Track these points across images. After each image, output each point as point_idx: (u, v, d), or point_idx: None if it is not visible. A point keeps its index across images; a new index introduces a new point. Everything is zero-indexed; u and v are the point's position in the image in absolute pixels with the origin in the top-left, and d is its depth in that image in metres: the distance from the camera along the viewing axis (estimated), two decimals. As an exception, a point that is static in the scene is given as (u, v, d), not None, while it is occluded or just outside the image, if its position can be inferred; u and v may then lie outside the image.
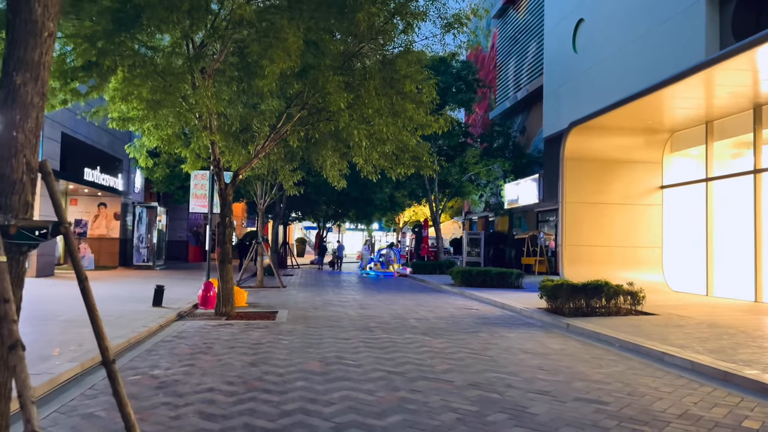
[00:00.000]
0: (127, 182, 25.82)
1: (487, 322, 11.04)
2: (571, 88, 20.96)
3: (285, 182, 16.56)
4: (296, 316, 11.24)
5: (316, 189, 26.06)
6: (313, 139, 13.33)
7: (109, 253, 24.98)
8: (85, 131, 20.94)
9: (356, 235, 59.34)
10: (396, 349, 7.91)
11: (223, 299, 11.13)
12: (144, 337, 8.52)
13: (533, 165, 26.93)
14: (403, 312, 12.28)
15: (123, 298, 12.87)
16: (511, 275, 18.48)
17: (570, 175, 16.66)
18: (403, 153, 11.31)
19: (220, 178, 11.44)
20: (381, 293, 16.91)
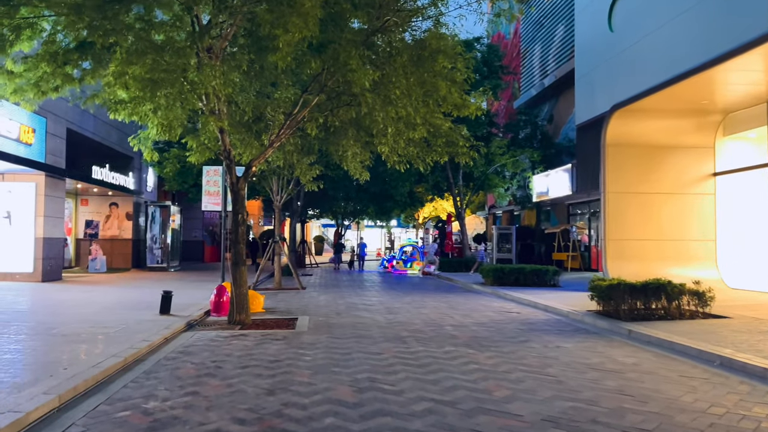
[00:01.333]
0: (139, 181, 24.86)
1: (534, 328, 9.74)
2: (607, 70, 19.46)
3: (302, 177, 15.36)
4: (318, 324, 10.03)
5: (335, 184, 24.86)
6: (332, 127, 12.15)
7: (121, 255, 24.05)
8: (92, 127, 19.95)
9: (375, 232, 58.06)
10: (438, 367, 6.65)
11: (237, 306, 9.96)
12: (144, 354, 7.37)
13: (563, 155, 25.46)
14: (436, 317, 11.02)
15: (129, 305, 11.77)
16: (546, 273, 17.13)
17: (612, 162, 15.26)
18: (435, 138, 10.03)
19: (232, 171, 10.26)
20: (407, 294, 15.66)
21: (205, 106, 9.19)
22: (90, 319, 9.72)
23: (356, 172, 13.35)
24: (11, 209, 16.43)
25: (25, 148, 15.37)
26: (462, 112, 9.54)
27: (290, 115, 10.45)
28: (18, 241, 16.36)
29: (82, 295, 13.72)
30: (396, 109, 9.21)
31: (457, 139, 9.96)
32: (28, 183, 16.40)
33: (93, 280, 17.90)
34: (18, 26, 8.80)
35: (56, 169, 16.81)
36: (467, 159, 10.19)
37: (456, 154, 10.23)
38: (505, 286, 16.62)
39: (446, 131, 9.93)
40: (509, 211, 33.42)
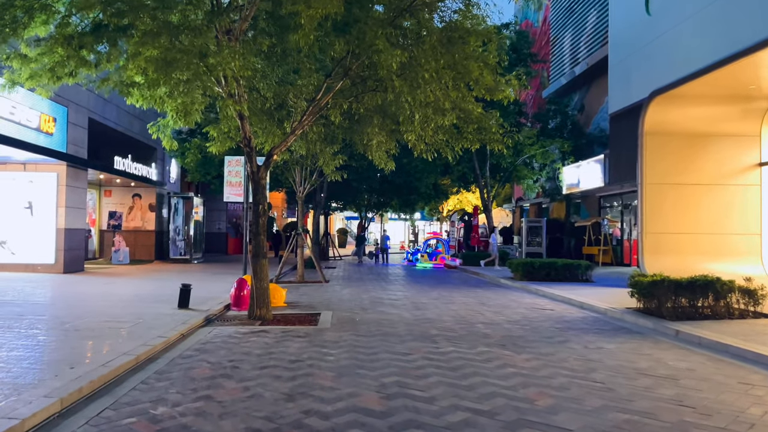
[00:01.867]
0: (162, 172, 24.68)
1: (572, 327, 9.14)
2: (644, 56, 18.59)
3: (326, 167, 14.89)
4: (342, 320, 9.56)
5: (358, 176, 24.39)
6: (356, 115, 11.67)
7: (144, 246, 23.92)
8: (114, 117, 19.75)
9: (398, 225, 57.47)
10: (473, 370, 6.12)
11: (257, 300, 9.54)
12: (159, 351, 6.97)
13: (594, 145, 24.61)
14: (466, 313, 10.47)
15: (148, 298, 11.45)
16: (579, 267, 16.44)
17: (650, 152, 14.48)
18: (466, 125, 9.44)
19: (252, 160, 9.82)
20: (434, 289, 15.12)
21: (223, 89, 8.74)
22: (106, 312, 9.39)
23: (381, 162, 12.83)
24: (33, 199, 16.27)
25: (45, 138, 15.17)
26: (495, 96, 8.94)
27: (313, 100, 9.96)
28: (40, 232, 16.21)
29: (102, 287, 13.47)
30: (425, 94, 8.64)
31: (490, 125, 9.36)
32: (49, 173, 16.22)
33: (115, 272, 17.71)
34: (31, 7, 8.46)
35: (77, 159, 16.60)
36: (500, 146, 9.59)
37: (488, 141, 9.63)
38: (535, 281, 15.98)
39: (477, 117, 9.34)
40: (537, 204, 32.58)
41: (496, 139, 9.52)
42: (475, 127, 9.44)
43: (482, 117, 9.32)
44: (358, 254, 25.79)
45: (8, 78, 9.50)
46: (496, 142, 9.55)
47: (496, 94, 8.87)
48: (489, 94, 8.84)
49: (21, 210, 16.20)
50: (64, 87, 16.18)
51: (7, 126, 13.54)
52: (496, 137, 9.49)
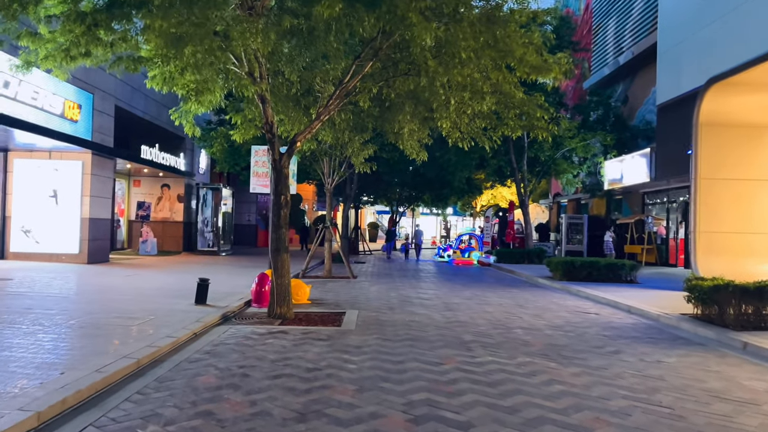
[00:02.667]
0: (191, 162, 24.35)
1: (621, 334, 8.23)
2: (697, 42, 17.36)
3: (354, 157, 14.18)
4: (367, 321, 8.84)
5: (389, 168, 23.62)
6: (387, 101, 10.91)
7: (172, 237, 23.65)
8: (142, 106, 19.40)
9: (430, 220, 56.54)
10: (514, 387, 5.32)
11: (278, 298, 8.88)
12: (166, 352, 6.35)
13: (638, 139, 23.34)
14: (502, 316, 9.64)
15: (168, 292, 10.93)
16: (623, 268, 15.39)
17: (706, 144, 13.31)
18: (507, 110, 8.59)
19: (274, 147, 9.14)
20: (467, 287, 14.29)
21: (240, 68, 8.08)
22: (119, 307, 8.86)
23: (413, 152, 12.06)
24: (58, 188, 15.98)
25: (70, 125, 14.82)
26: (543, 75, 8.04)
27: (340, 83, 9.23)
28: (64, 222, 15.92)
29: (122, 279, 13.03)
30: (462, 75, 7.81)
31: (534, 110, 8.48)
32: (74, 161, 15.90)
33: (140, 263, 17.36)
34: (43, -19, 7.94)
35: (103, 148, 16.25)
36: (545, 134, 8.70)
37: (531, 128, 8.76)
38: (575, 281, 15.01)
39: (520, 101, 8.47)
40: (575, 200, 31.36)
41: (541, 125, 8.64)
42: (517, 112, 8.57)
43: (525, 101, 8.45)
44: (388, 249, 24.89)
45: (24, 59, 9.03)
46: (540, 129, 8.67)
47: (543, 73, 7.97)
48: (535, 73, 7.95)
49: (46, 198, 15.92)
50: (90, 73, 15.94)
51: (29, 112, 13.18)
52: (540, 124, 8.61)
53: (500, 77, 8.07)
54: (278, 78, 11.02)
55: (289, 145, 9.26)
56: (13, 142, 14.86)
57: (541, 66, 7.88)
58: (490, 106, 8.68)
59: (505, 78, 8.10)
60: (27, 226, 15.92)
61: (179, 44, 6.69)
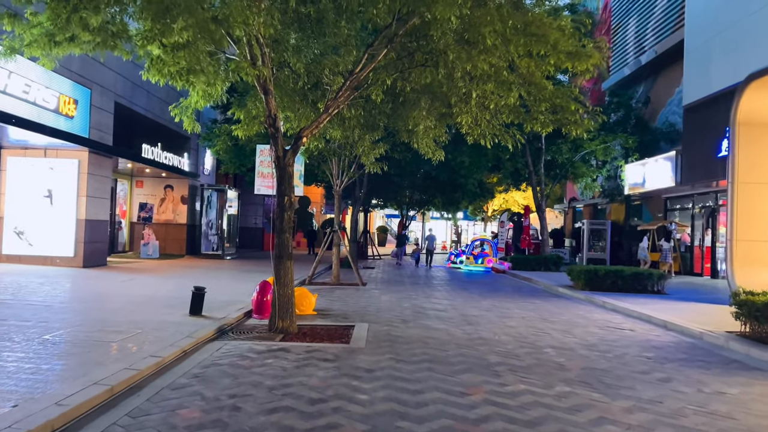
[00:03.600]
0: (196, 163, 23.59)
1: (666, 356, 7.29)
2: (730, 38, 16.37)
3: (365, 157, 13.31)
4: (379, 336, 7.95)
5: (400, 170, 22.75)
6: (401, 95, 10.08)
7: (175, 240, 22.87)
8: (144, 103, 18.64)
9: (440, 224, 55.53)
10: (558, 428, 4.41)
11: (280, 310, 8.01)
12: (147, 375, 5.49)
13: (661, 142, 22.33)
14: (528, 332, 8.71)
15: (162, 300, 10.10)
16: (650, 277, 14.42)
17: (744, 146, 12.35)
18: (537, 103, 7.68)
19: (278, 142, 8.28)
20: (484, 297, 13.37)
21: (239, 51, 7.23)
22: (105, 318, 8.02)
23: (428, 151, 11.21)
24: (53, 188, 15.22)
25: (65, 121, 14.06)
26: (580, 64, 7.13)
27: (351, 73, 8.36)
28: (59, 223, 15.14)
29: (117, 285, 12.22)
30: (487, 62, 6.92)
31: (567, 103, 7.58)
32: (70, 160, 15.14)
33: (139, 267, 16.57)
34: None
35: (100, 146, 15.47)
36: (579, 130, 7.81)
37: (563, 124, 7.85)
38: (599, 291, 14.05)
39: (551, 93, 7.57)
40: (592, 205, 30.32)
41: (574, 120, 7.73)
42: (548, 105, 7.66)
43: (558, 93, 7.55)
44: (398, 255, 23.87)
45: (7, 45, 8.25)
46: (574, 125, 7.77)
47: (581, 61, 7.06)
48: (571, 60, 7.04)
49: (40, 198, 15.16)
50: (87, 67, 15.18)
51: (19, 106, 12.42)
52: (574, 118, 7.70)
53: (531, 65, 7.17)
54: (284, 70, 10.20)
55: (294, 141, 8.40)
56: (5, 139, 14.12)
57: (578, 52, 6.98)
58: (515, 98, 7.77)
59: (537, 66, 7.20)
60: (20, 227, 15.16)
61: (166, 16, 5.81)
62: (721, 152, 16.61)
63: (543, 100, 7.56)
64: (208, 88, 9.59)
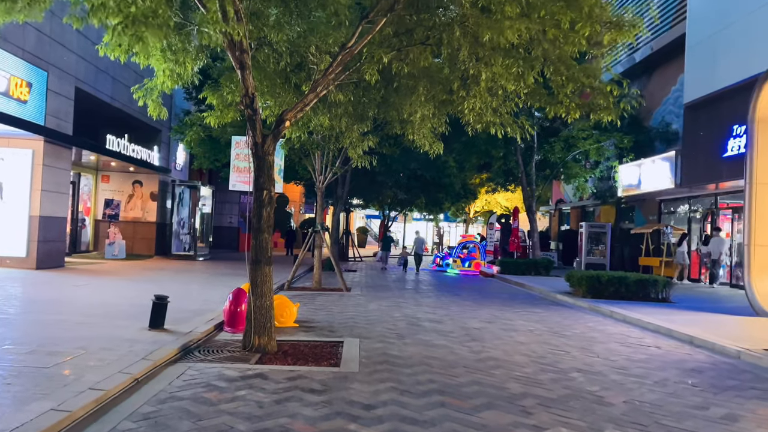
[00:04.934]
0: (167, 157, 22.11)
1: (714, 383, 6.20)
2: (740, 31, 15.51)
3: (352, 150, 12.08)
4: (373, 356, 6.74)
5: (386, 167, 21.53)
6: (396, 79, 8.93)
7: (144, 240, 21.36)
8: (109, 90, 17.16)
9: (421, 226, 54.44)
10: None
11: (256, 325, 6.74)
12: (79, 419, 4.20)
13: (656, 142, 21.49)
14: (542, 349, 7.58)
15: (119, 310, 8.76)
16: (656, 284, 13.46)
17: (764, 144, 11.43)
18: (564, 83, 6.52)
19: (256, 127, 7.01)
20: (480, 305, 12.24)
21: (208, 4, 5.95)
22: (43, 334, 6.68)
23: (425, 143, 10.05)
24: (3, 181, 13.68)
25: (17, 106, 12.57)
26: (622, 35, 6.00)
27: (344, 47, 7.14)
28: (10, 220, 13.61)
29: (69, 291, 10.82)
30: (513, 30, 5.75)
31: (601, 85, 6.46)
32: (23, 149, 13.62)
33: (102, 269, 15.10)
34: None
35: (58, 134, 13.98)
36: (611, 116, 6.71)
37: (594, 108, 6.73)
38: (601, 299, 13.04)
39: (576, 75, 6.44)
40: (580, 207, 29.50)
41: (605, 106, 6.60)
42: (575, 87, 6.52)
43: (589, 71, 6.41)
44: (384, 259, 22.48)
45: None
46: (606, 111, 6.65)
47: (622, 33, 5.94)
48: (611, 32, 5.91)
49: (-12, 192, 13.62)
50: (44, 47, 13.63)
51: (-40, 86, 10.94)
52: (607, 103, 6.57)
53: (559, 37, 6.02)
54: (263, 49, 8.97)
55: (276, 124, 7.14)
56: (-53, 125, 12.58)
57: (620, 21, 5.85)
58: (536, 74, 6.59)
59: (566, 39, 6.05)
60: (-35, 224, 13.61)
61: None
62: (727, 152, 15.77)
63: (571, 80, 6.41)
64: (176, 66, 8.37)
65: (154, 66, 8.35)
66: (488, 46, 6.59)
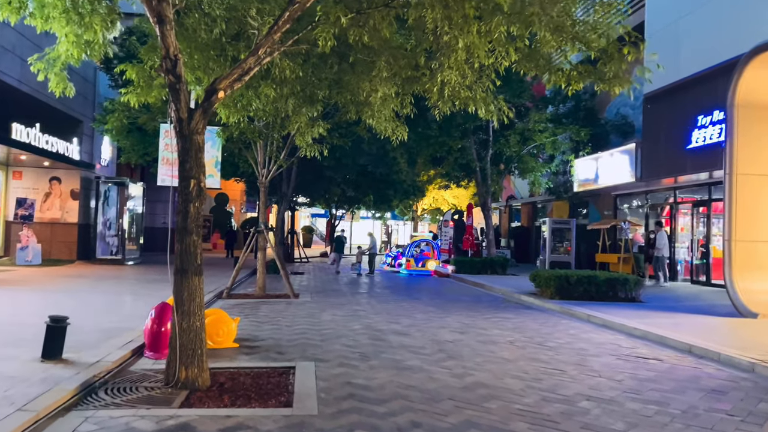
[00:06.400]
0: (90, 151, 19.93)
1: (746, 408, 5.14)
2: (701, 18, 14.93)
3: (300, 137, 10.62)
4: (334, 389, 5.35)
5: (335, 162, 20.10)
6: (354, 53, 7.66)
7: (64, 243, 19.11)
8: (17, 73, 15.01)
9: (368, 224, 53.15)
10: None
11: (181, 353, 5.23)
12: None
13: (613, 135, 20.93)
14: (534, 369, 6.39)
15: (12, 331, 7.05)
16: (626, 283, 12.62)
17: (745, 132, 10.68)
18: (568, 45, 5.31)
19: (180, 97, 5.48)
20: (445, 311, 11.02)
21: None
22: None
23: (386, 129, 8.74)
24: None
25: None
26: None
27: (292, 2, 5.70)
28: None
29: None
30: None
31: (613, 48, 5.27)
32: None
33: (9, 278, 13.05)
34: None
35: (-52, 121, 11.86)
36: (624, 87, 5.57)
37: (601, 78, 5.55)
38: (570, 300, 12.09)
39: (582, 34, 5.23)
40: (531, 203, 28.89)
41: (615, 74, 5.44)
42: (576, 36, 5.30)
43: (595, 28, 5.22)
44: (337, 262, 20.81)
45: None
46: (616, 81, 5.50)
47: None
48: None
49: None
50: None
51: None
52: (616, 70, 5.41)
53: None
54: (193, 13, 7.49)
55: (206, 95, 5.62)
56: None
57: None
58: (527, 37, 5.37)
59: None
60: None
61: None
62: (691, 143, 15.17)
63: (577, 39, 5.19)
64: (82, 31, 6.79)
65: (56, 31, 6.78)
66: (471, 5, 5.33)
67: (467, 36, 5.98)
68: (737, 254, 10.60)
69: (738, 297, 10.34)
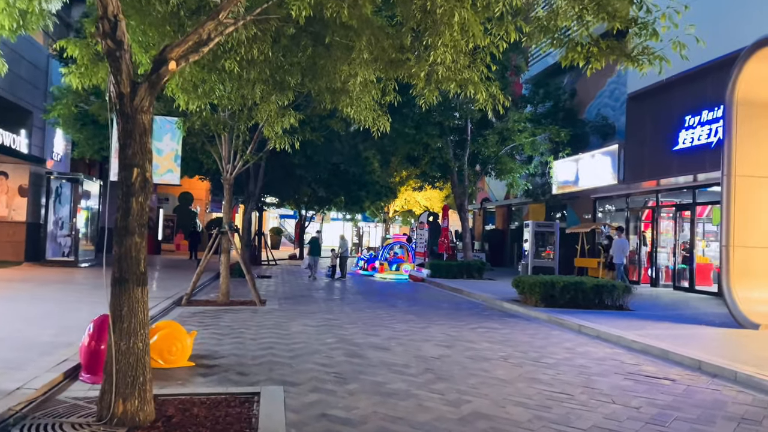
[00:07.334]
0: (41, 144, 18.50)
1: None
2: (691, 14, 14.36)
3: (269, 128, 9.63)
4: (307, 422, 4.43)
5: (306, 159, 19.12)
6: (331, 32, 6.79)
7: (10, 243, 17.67)
8: (-45, 56, 13.57)
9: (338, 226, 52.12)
10: None
11: (119, 383, 4.23)
12: None
13: (593, 136, 20.44)
14: (534, 391, 5.56)
15: None
16: (614, 290, 11.97)
17: (744, 131, 10.10)
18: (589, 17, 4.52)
19: (120, 67, 4.47)
20: (426, 320, 10.16)
21: None
22: None
23: (366, 119, 7.84)
24: None
25: None
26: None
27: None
28: None
29: None
30: None
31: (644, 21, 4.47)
32: None
33: (-63, 282, 11.71)
34: None
35: None
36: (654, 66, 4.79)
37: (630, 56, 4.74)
38: (556, 308, 11.38)
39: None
40: (506, 206, 28.32)
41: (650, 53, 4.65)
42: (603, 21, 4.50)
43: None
44: (312, 266, 19.21)
45: None
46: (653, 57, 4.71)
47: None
48: None
49: None
50: None
51: None
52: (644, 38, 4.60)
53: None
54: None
55: (153, 67, 4.62)
56: None
57: None
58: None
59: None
60: None
61: None
62: (678, 144, 14.65)
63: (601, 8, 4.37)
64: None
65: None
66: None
67: (462, 10, 5.18)
68: (735, 261, 10.00)
69: (737, 307, 9.73)
